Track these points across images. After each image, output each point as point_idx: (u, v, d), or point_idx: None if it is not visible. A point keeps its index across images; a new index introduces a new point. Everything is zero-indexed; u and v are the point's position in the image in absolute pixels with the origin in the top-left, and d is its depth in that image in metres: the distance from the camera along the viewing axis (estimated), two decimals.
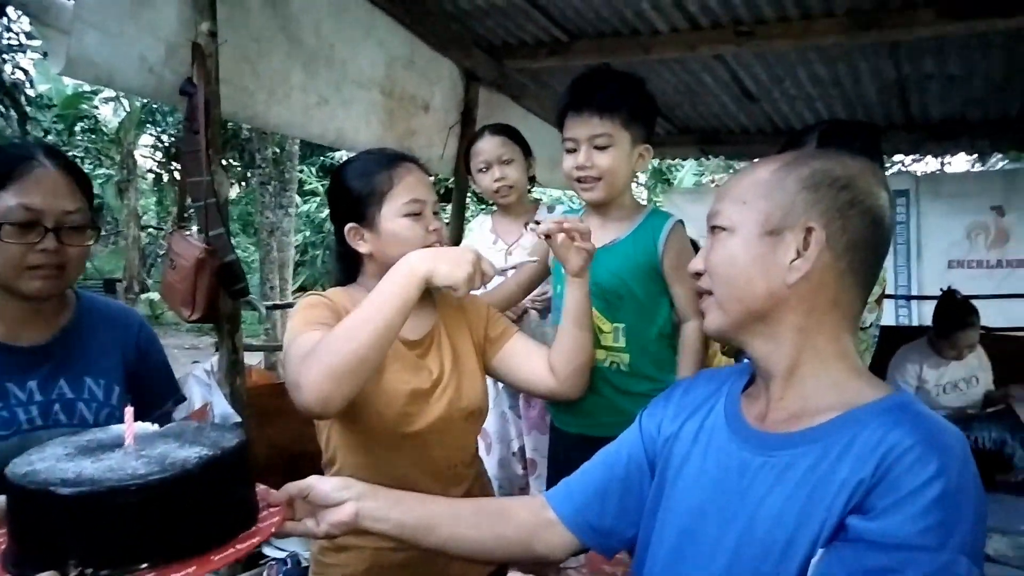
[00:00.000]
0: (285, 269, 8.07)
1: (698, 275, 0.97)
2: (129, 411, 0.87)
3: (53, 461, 0.81)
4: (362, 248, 1.40)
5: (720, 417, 0.98)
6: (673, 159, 8.23)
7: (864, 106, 3.80)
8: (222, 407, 2.12)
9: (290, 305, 7.15)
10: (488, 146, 2.29)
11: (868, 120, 3.96)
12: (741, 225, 0.90)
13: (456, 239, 3.29)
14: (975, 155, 9.63)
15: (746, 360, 1.07)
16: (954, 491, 0.74)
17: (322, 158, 13.47)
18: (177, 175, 16.49)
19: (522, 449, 2.41)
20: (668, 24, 2.97)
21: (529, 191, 2.45)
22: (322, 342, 1.16)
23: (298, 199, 10.59)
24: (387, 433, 1.35)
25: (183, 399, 1.53)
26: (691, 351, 1.66)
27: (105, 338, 1.38)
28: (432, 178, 1.49)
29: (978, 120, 3.97)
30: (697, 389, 1.06)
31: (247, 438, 0.90)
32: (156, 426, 0.94)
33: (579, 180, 1.66)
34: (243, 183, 14.57)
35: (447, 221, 3.14)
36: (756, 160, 0.98)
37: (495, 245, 2.33)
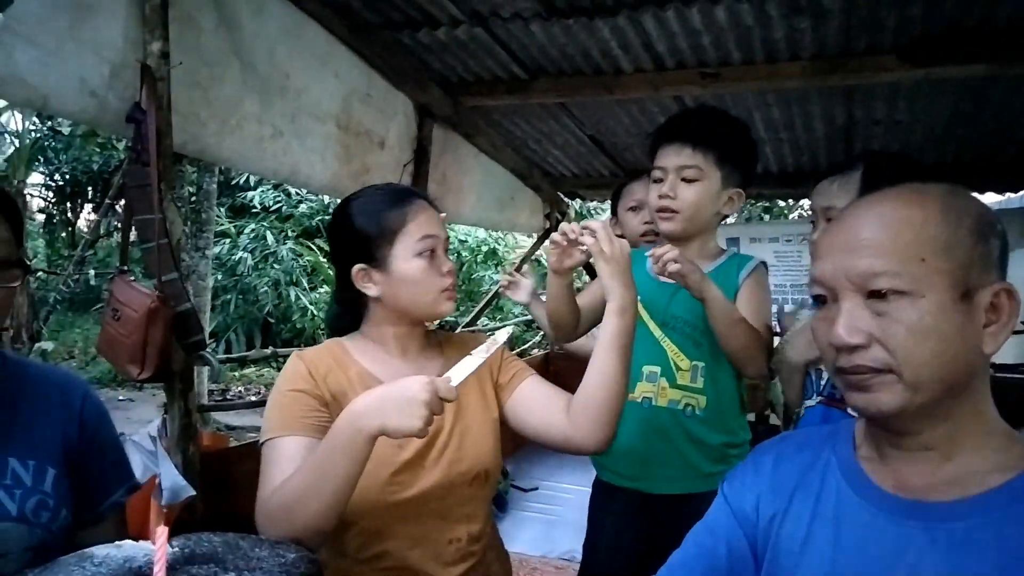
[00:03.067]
0: (201, 315, 7.56)
1: (854, 348, 0.79)
2: (162, 531, 0.65)
3: None
4: (371, 291, 1.27)
5: (841, 488, 0.86)
6: (604, 200, 8.31)
7: (810, 150, 3.88)
8: (172, 479, 1.84)
9: (244, 358, 6.67)
10: (644, 189, 2.27)
11: (812, 162, 4.05)
12: (929, 288, 0.76)
13: None
14: None
15: (832, 418, 0.96)
16: None
17: (234, 198, 12.90)
18: (71, 216, 15.47)
19: None
20: (633, 64, 2.92)
21: None
22: (279, 497, 1.06)
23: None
24: (374, 505, 1.17)
25: (137, 487, 1.27)
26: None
27: (37, 409, 1.13)
28: (442, 215, 1.35)
29: None
30: (791, 457, 0.94)
31: (311, 554, 0.70)
32: (170, 545, 0.72)
33: (660, 211, 1.59)
34: None
35: None
36: (879, 201, 0.82)
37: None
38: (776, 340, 1.64)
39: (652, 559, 1.65)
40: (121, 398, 9.87)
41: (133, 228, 1.89)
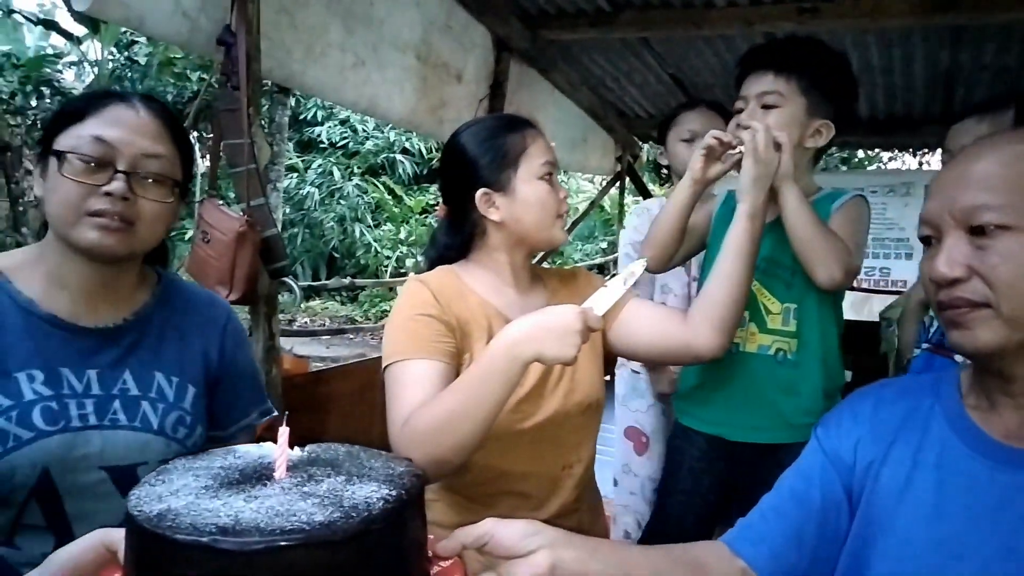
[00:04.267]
0: None
1: (953, 282, 0.78)
2: (284, 431, 0.66)
3: (192, 497, 0.59)
4: (494, 216, 1.26)
5: (947, 437, 0.83)
6: None
7: (905, 97, 3.67)
8: None
9: (324, 286, 6.85)
10: (699, 118, 2.17)
11: (907, 109, 3.84)
12: None
13: None
14: None
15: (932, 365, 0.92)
16: None
17: (302, 133, 13.06)
18: None
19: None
20: None
21: None
22: (425, 419, 1.06)
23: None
24: (498, 432, 1.16)
25: (270, 411, 1.31)
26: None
27: (186, 328, 1.16)
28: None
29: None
30: (890, 404, 0.90)
31: (416, 469, 0.70)
32: (298, 449, 0.73)
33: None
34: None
35: None
36: (996, 138, 0.81)
37: None
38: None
39: (729, 506, 1.64)
40: None
41: (221, 153, 1.90)
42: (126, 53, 12.78)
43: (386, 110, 2.64)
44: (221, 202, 1.90)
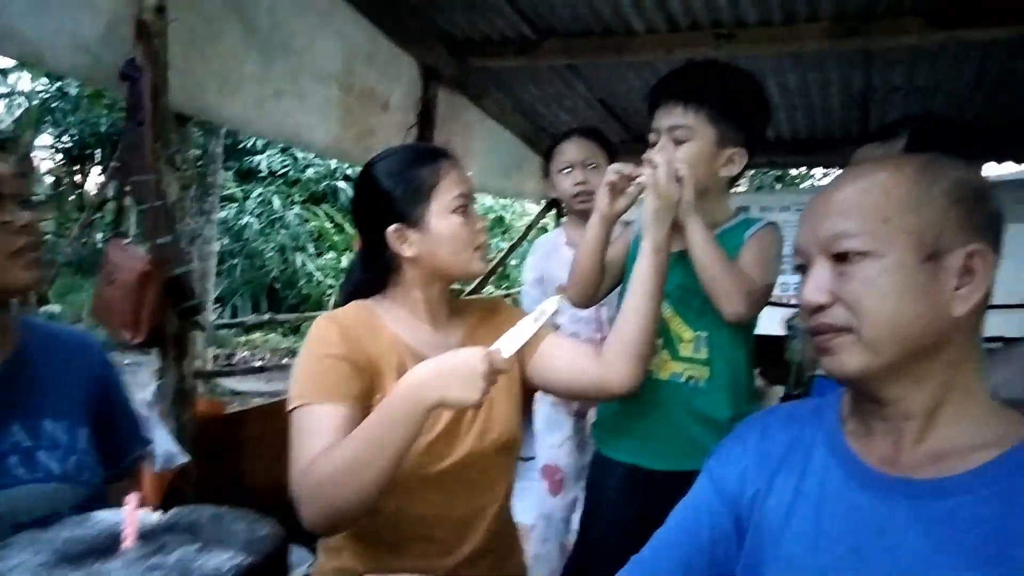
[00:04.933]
0: (206, 279, 7.53)
1: (819, 309, 0.79)
2: (131, 499, 0.61)
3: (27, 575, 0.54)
4: (407, 252, 1.24)
5: (827, 464, 0.83)
6: None
7: (825, 118, 3.79)
8: (165, 445, 1.81)
9: (241, 323, 6.66)
10: (575, 148, 2.20)
11: (827, 130, 3.96)
12: (892, 249, 0.75)
13: None
14: None
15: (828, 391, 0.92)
16: None
17: (241, 162, 12.82)
18: (79, 179, 15.41)
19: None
20: (645, 24, 2.83)
21: None
22: (325, 467, 1.02)
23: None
24: (407, 476, 1.14)
25: (148, 443, 1.27)
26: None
27: (61, 369, 1.12)
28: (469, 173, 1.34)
29: None
30: (776, 432, 0.91)
31: (283, 531, 0.66)
32: (156, 513, 0.68)
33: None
34: None
35: None
36: (860, 166, 0.83)
37: None
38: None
39: (650, 536, 1.63)
40: (127, 362, 9.92)
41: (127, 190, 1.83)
42: (57, 84, 12.41)
43: (309, 140, 2.60)
44: (127, 241, 1.83)
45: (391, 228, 1.22)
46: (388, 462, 1.00)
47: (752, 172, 7.25)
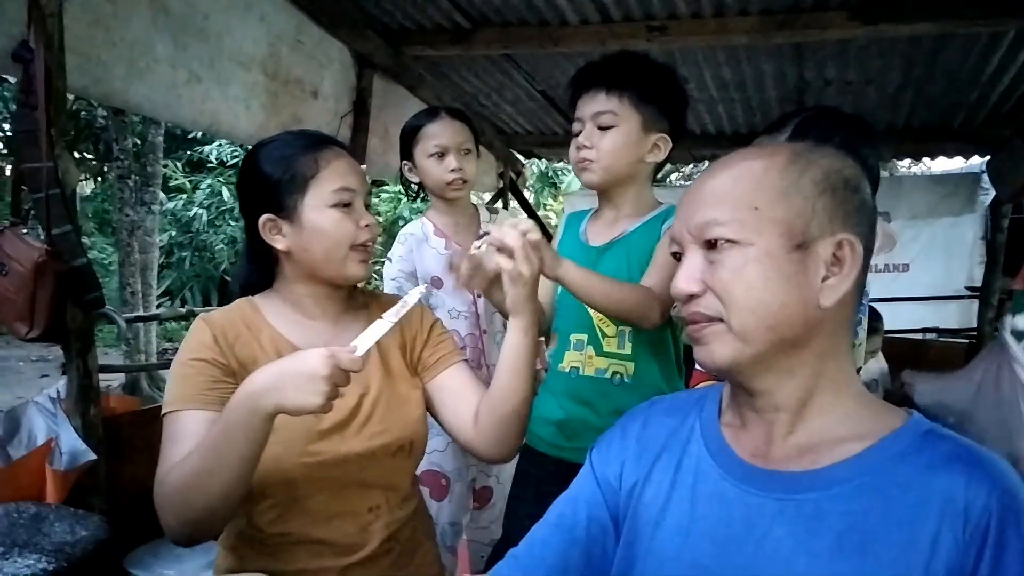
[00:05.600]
0: (148, 272, 7.33)
1: (691, 298, 0.78)
2: None
3: None
4: (279, 244, 1.17)
5: (702, 456, 0.83)
6: (559, 161, 8.18)
7: (763, 111, 3.82)
8: (71, 442, 1.74)
9: (156, 316, 6.49)
10: (447, 131, 1.96)
11: (766, 123, 3.99)
12: (761, 238, 0.74)
13: None
14: None
15: (710, 385, 0.92)
16: None
17: (189, 152, 12.51)
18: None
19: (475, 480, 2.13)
20: (579, 16, 2.82)
21: None
22: (176, 477, 1.00)
23: (162, 195, 9.75)
24: (290, 475, 1.11)
25: None
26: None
27: None
28: (363, 166, 1.24)
29: None
30: (657, 422, 0.90)
31: (107, 533, 0.62)
32: None
33: (578, 162, 1.50)
34: (99, 178, 13.31)
35: None
36: (733, 155, 0.82)
37: (448, 251, 2.01)
38: None
39: None
40: (34, 358, 9.56)
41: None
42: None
43: (231, 128, 2.52)
44: (24, 231, 1.75)
45: (262, 218, 1.16)
46: (232, 472, 0.96)
47: (692, 165, 7.31)
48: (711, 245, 0.76)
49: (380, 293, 1.41)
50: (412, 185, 2.06)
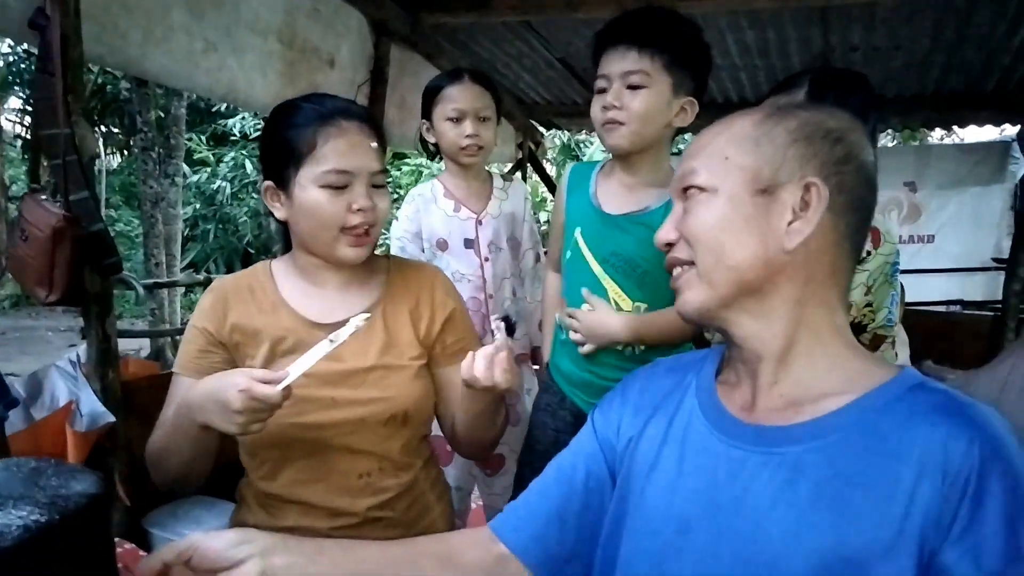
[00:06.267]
0: (172, 244, 7.43)
1: (669, 246, 0.83)
2: None
3: None
4: (278, 213, 1.18)
5: (694, 411, 0.83)
6: (581, 132, 8.06)
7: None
8: (91, 405, 1.78)
9: (175, 283, 6.58)
10: (467, 95, 1.93)
11: None
12: (726, 183, 0.77)
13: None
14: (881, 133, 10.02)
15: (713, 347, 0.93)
16: None
17: (213, 126, 12.59)
18: None
19: None
20: None
21: None
22: (152, 443, 1.12)
23: (186, 168, 9.84)
24: (278, 437, 1.12)
25: (15, 403, 1.27)
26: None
27: None
28: (375, 143, 1.17)
29: (893, 96, 3.99)
30: (657, 381, 0.91)
31: (102, 489, 0.63)
32: None
33: (605, 123, 1.44)
34: (125, 151, 13.45)
35: None
36: (733, 114, 0.84)
37: (458, 213, 2.00)
38: None
39: None
40: (62, 328, 9.75)
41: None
42: (25, 44, 12.07)
43: (247, 97, 2.52)
44: (44, 197, 1.77)
45: (265, 184, 1.17)
46: (186, 454, 1.04)
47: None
48: (686, 195, 0.80)
49: (406, 261, 1.38)
50: (430, 146, 2.05)
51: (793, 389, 0.77)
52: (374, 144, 1.15)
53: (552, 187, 5.66)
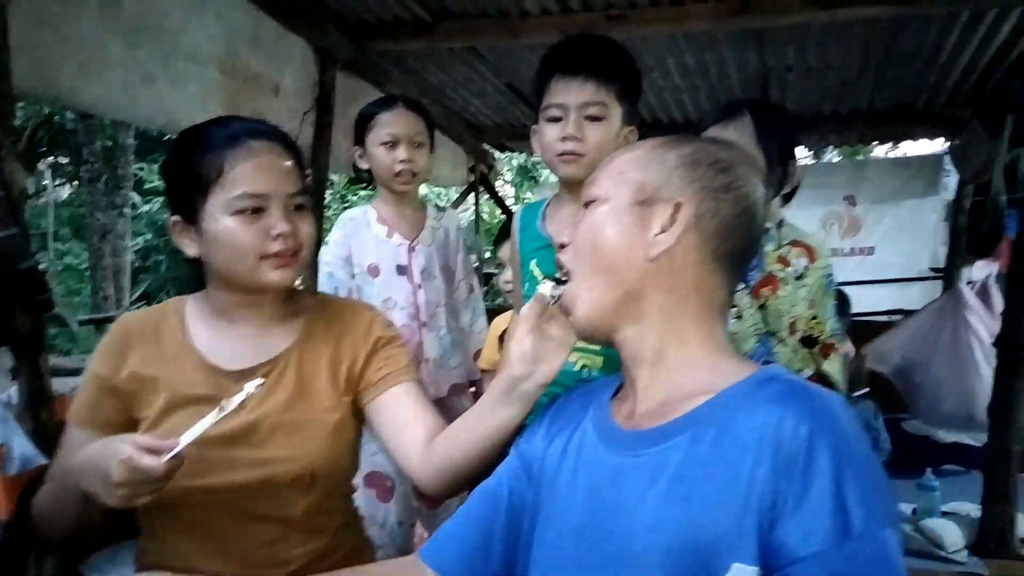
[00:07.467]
0: (121, 276, 7.26)
1: (562, 247, 0.91)
2: None
3: None
4: (189, 251, 1.08)
5: (588, 426, 0.88)
6: (535, 154, 8.11)
7: (727, 98, 3.83)
8: (22, 447, 1.72)
9: (110, 318, 6.42)
10: (401, 120, 1.94)
11: None
12: (614, 196, 0.86)
13: (315, 244, 2.81)
14: (812, 150, 10.30)
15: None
16: (862, 464, 0.69)
17: (163, 155, 12.35)
18: None
19: None
20: (539, 6, 2.81)
21: None
22: (38, 504, 1.04)
23: (137, 198, 9.64)
24: (169, 503, 0.99)
25: None
26: None
27: None
28: (290, 163, 1.10)
29: (830, 113, 4.11)
30: (570, 405, 0.95)
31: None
32: None
33: (562, 154, 1.41)
34: (74, 182, 13.15)
35: None
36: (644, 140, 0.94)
37: (390, 239, 2.00)
38: None
39: None
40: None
41: None
42: None
43: (188, 126, 2.49)
44: None
45: (172, 220, 1.07)
46: (71, 519, 0.97)
47: None
48: (586, 207, 0.89)
49: (330, 299, 1.29)
50: (363, 173, 2.04)
51: (665, 392, 0.82)
52: (288, 163, 1.07)
53: (507, 210, 5.69)
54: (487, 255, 3.86)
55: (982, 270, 2.95)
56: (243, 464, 1.05)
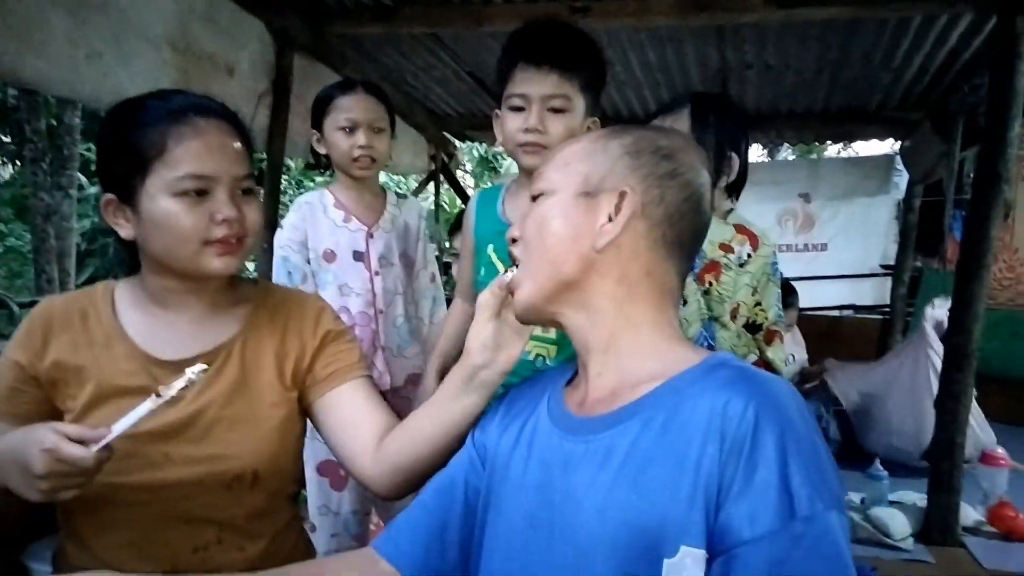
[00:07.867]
0: (66, 259, 7.01)
1: (514, 242, 0.91)
2: None
3: None
4: (123, 232, 1.00)
5: (542, 414, 0.87)
6: (496, 144, 8.06)
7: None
8: None
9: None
10: (361, 105, 1.89)
11: None
12: (560, 187, 0.86)
13: (271, 226, 2.61)
14: (767, 147, 10.50)
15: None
16: (808, 448, 0.68)
17: None
18: None
19: None
20: None
21: None
22: None
23: (83, 179, 9.31)
24: (93, 494, 0.91)
25: None
26: None
27: None
28: (238, 144, 1.01)
29: (787, 112, 4.18)
30: (524, 394, 0.95)
31: None
32: None
33: (524, 145, 1.40)
34: (17, 161, 12.66)
35: None
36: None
37: (347, 224, 1.95)
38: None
39: None
40: None
41: None
42: None
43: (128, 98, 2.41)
44: None
45: (105, 199, 0.99)
46: None
47: None
48: (534, 200, 0.88)
49: (278, 289, 1.21)
50: (321, 157, 1.99)
51: (616, 378, 0.81)
52: (237, 144, 1.00)
53: (464, 198, 5.66)
54: (447, 244, 3.85)
55: (941, 308, 2.98)
56: (179, 460, 0.98)
